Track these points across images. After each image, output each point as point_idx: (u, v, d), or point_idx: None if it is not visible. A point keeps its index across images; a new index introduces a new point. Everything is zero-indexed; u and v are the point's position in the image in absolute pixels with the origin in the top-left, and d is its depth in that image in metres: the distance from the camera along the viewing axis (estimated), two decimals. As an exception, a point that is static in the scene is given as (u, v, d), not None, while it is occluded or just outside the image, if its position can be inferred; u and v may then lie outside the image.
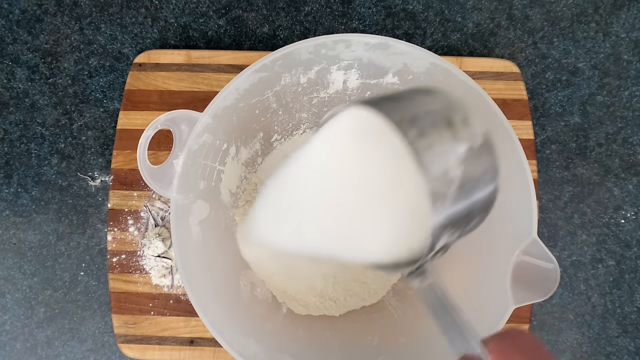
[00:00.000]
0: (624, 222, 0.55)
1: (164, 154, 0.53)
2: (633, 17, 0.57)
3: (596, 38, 0.57)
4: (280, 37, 0.58)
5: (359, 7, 0.58)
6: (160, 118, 0.37)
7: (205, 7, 0.58)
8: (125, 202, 0.53)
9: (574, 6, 0.57)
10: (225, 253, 0.48)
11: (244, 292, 0.47)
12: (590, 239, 0.55)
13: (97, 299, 0.55)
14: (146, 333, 0.51)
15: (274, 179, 0.29)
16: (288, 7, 0.58)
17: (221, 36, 0.58)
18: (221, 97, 0.38)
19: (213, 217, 0.45)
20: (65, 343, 0.54)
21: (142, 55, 0.54)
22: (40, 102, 0.57)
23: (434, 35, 0.57)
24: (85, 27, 0.57)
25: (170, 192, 0.37)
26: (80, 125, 0.57)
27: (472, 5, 0.58)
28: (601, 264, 0.55)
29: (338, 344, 0.45)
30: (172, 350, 0.51)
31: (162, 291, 0.52)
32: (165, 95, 0.54)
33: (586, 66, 0.57)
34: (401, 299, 0.48)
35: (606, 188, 0.56)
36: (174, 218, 0.37)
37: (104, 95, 0.57)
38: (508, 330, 0.17)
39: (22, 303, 0.55)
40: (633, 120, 0.56)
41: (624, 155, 0.56)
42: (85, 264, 0.55)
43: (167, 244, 0.52)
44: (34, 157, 0.56)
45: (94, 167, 0.56)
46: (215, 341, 0.50)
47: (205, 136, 0.39)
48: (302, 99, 0.48)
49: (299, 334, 0.46)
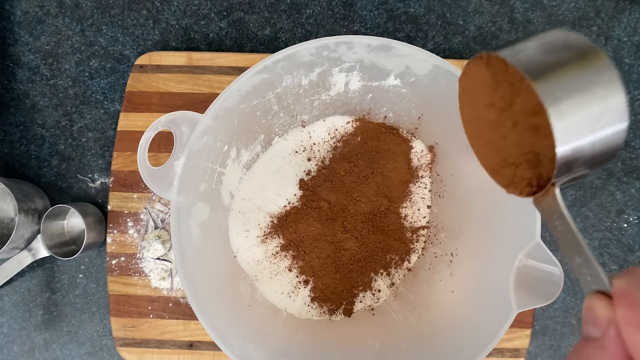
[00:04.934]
0: (627, 226, 0.55)
1: (164, 155, 0.53)
2: (634, 21, 0.57)
3: (598, 41, 0.57)
4: (282, 40, 0.58)
5: (361, 9, 0.57)
6: (160, 119, 0.36)
7: (207, 9, 0.58)
8: (125, 204, 0.53)
9: (575, 10, 0.57)
10: (225, 256, 0.48)
11: (244, 295, 0.47)
12: (593, 243, 0.55)
13: (96, 302, 0.54)
14: (145, 336, 0.50)
15: None
16: (290, 9, 0.58)
17: (222, 38, 0.58)
18: (222, 98, 0.38)
19: (213, 219, 0.45)
20: (64, 346, 0.54)
21: (143, 57, 0.54)
22: (40, 103, 0.57)
23: (436, 38, 0.57)
24: (86, 29, 0.57)
25: (170, 194, 0.37)
26: (80, 127, 0.56)
27: (473, 9, 0.58)
28: (604, 268, 0.55)
29: (339, 349, 0.44)
30: (171, 353, 0.50)
31: (162, 294, 0.51)
32: (166, 97, 0.53)
33: (588, 70, 0.57)
34: (403, 303, 0.48)
35: (608, 192, 0.55)
36: (174, 220, 0.37)
37: (105, 97, 0.57)
38: (635, 268, 0.17)
39: (20, 305, 0.55)
40: (635, 124, 0.56)
41: (627, 159, 0.56)
42: (84, 266, 0.55)
43: (166, 246, 0.51)
44: (33, 158, 0.56)
45: (94, 168, 0.56)
46: (214, 345, 0.50)
47: (206, 138, 0.39)
48: (304, 101, 0.47)
49: (299, 338, 0.45)
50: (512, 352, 0.50)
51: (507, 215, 0.40)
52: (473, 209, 0.45)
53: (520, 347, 0.50)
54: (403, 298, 0.48)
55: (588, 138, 0.19)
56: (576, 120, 0.19)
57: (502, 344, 0.50)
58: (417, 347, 0.42)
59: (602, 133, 0.19)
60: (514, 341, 0.50)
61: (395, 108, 0.48)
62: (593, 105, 0.19)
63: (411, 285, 0.49)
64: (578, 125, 0.19)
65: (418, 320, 0.45)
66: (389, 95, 0.46)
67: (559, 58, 0.20)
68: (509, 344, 0.50)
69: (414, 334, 0.43)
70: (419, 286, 0.48)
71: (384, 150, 0.50)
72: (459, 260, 0.46)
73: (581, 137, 0.19)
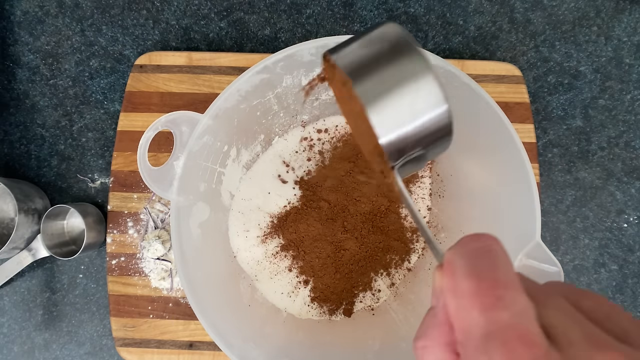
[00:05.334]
0: (627, 226, 0.55)
1: (164, 155, 0.53)
2: (635, 20, 0.57)
3: (598, 42, 0.57)
4: (282, 40, 0.57)
5: (361, 9, 0.57)
6: (160, 119, 0.36)
7: (207, 10, 0.58)
8: (125, 204, 0.53)
9: (575, 10, 0.57)
10: (225, 256, 0.48)
11: (244, 295, 0.47)
12: (593, 243, 0.55)
13: (96, 302, 0.54)
14: (145, 336, 0.50)
15: None
16: (289, 9, 0.58)
17: (222, 38, 0.58)
18: (222, 98, 0.38)
19: (213, 219, 0.45)
20: (63, 346, 0.54)
21: (143, 57, 0.54)
22: (40, 103, 0.57)
23: (436, 38, 0.57)
24: (86, 29, 0.57)
25: (170, 193, 0.37)
26: (80, 127, 0.56)
27: (473, 9, 0.57)
28: (604, 269, 0.55)
29: (339, 349, 0.44)
30: (171, 353, 0.50)
31: (162, 294, 0.51)
32: (166, 97, 0.53)
33: (588, 70, 0.57)
34: (403, 303, 0.48)
35: (608, 192, 0.55)
36: (174, 220, 0.37)
37: (105, 97, 0.57)
38: (464, 237, 0.17)
39: (20, 305, 0.55)
40: (635, 123, 0.56)
41: (627, 159, 0.56)
42: (84, 266, 0.55)
43: (166, 246, 0.51)
44: (33, 158, 0.56)
45: (94, 168, 0.56)
46: (214, 345, 0.50)
47: (206, 138, 0.39)
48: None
49: (299, 338, 0.45)
50: (512, 352, 0.50)
51: (507, 215, 0.40)
52: (473, 209, 0.45)
53: (520, 347, 0.50)
54: (403, 298, 0.48)
55: (407, 126, 0.21)
56: (392, 112, 0.21)
57: (502, 344, 0.50)
58: (417, 347, 0.42)
59: (421, 119, 0.21)
60: (514, 341, 0.50)
61: (395, 108, 0.48)
62: (405, 96, 0.21)
63: (411, 285, 0.49)
64: (395, 116, 0.21)
65: (418, 321, 0.44)
66: (389, 95, 0.46)
67: (373, 54, 0.22)
68: (509, 344, 0.50)
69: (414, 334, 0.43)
70: (419, 286, 0.48)
71: (384, 150, 0.50)
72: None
73: (400, 127, 0.21)
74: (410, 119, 0.21)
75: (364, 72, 0.21)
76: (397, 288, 0.49)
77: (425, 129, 0.22)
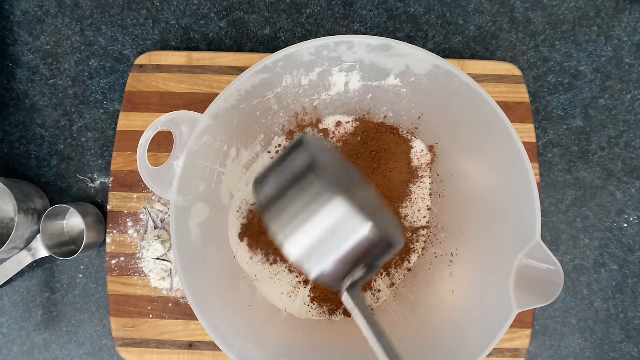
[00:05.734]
0: (627, 226, 0.55)
1: (164, 155, 0.53)
2: (635, 20, 0.57)
3: (598, 41, 0.57)
4: (282, 40, 0.57)
5: (361, 9, 0.57)
6: (160, 119, 0.36)
7: (207, 9, 0.58)
8: (125, 204, 0.52)
9: (575, 10, 0.57)
10: (225, 256, 0.48)
11: (244, 295, 0.46)
12: (593, 243, 0.55)
13: (96, 302, 0.54)
14: (145, 336, 0.50)
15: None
16: (289, 9, 0.58)
17: (222, 38, 0.57)
18: (222, 98, 0.38)
19: (213, 219, 0.45)
20: (63, 346, 0.54)
21: (143, 56, 0.54)
22: (40, 103, 0.57)
23: (436, 38, 0.57)
24: (86, 29, 0.57)
25: (170, 193, 0.37)
26: (80, 127, 0.56)
27: (474, 8, 0.57)
28: (604, 269, 0.55)
29: (339, 349, 0.44)
30: (171, 354, 0.50)
31: (161, 294, 0.51)
32: (165, 96, 0.53)
33: (588, 69, 0.57)
34: (403, 303, 0.48)
35: (609, 192, 0.55)
36: (173, 220, 0.37)
37: (105, 97, 0.57)
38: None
39: (19, 305, 0.54)
40: (635, 123, 0.56)
41: (627, 159, 0.56)
42: (83, 266, 0.55)
43: (166, 246, 0.51)
44: (33, 158, 0.56)
45: (94, 168, 0.56)
46: (214, 345, 0.50)
47: (206, 138, 0.39)
48: (304, 101, 0.47)
49: (299, 338, 0.45)
50: (512, 352, 0.50)
51: (507, 215, 0.40)
52: (473, 209, 0.45)
53: (520, 347, 0.50)
54: (403, 298, 0.48)
55: (328, 260, 0.23)
56: (318, 258, 0.23)
57: (502, 344, 0.50)
58: (417, 347, 0.42)
59: (343, 248, 0.23)
60: (514, 341, 0.50)
61: (395, 108, 0.48)
62: (329, 239, 0.23)
63: (411, 286, 0.49)
64: (320, 259, 0.23)
65: (418, 321, 0.44)
66: (389, 95, 0.46)
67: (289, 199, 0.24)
68: (509, 344, 0.50)
69: (414, 334, 0.43)
70: (419, 286, 0.48)
71: (384, 150, 0.50)
72: (459, 260, 0.45)
73: (323, 263, 0.23)
74: (329, 252, 0.23)
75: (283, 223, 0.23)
76: (397, 288, 0.49)
77: (351, 254, 0.23)
